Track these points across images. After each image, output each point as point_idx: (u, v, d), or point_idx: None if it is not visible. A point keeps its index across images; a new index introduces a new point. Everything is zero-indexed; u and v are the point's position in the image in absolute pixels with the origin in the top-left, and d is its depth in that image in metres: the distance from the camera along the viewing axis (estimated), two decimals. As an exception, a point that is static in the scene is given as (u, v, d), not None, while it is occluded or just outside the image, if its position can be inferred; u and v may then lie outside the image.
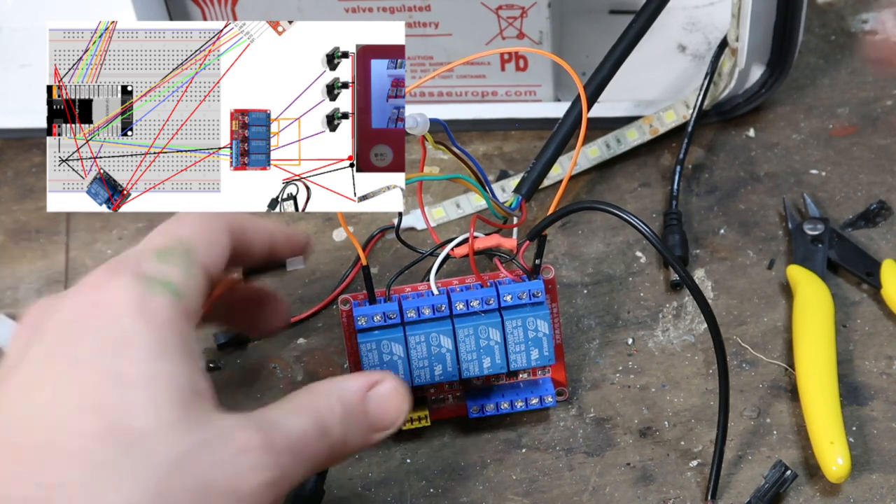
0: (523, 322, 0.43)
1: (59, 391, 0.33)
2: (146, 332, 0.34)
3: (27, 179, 0.59)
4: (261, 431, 0.35)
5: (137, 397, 0.33)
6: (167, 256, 0.37)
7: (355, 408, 0.40)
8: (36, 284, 0.53)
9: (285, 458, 0.36)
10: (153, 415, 0.33)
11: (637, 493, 0.43)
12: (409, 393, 0.41)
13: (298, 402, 0.38)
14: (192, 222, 0.39)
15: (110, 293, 0.35)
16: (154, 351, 0.34)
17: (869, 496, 0.43)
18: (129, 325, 0.34)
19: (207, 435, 0.34)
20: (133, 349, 0.34)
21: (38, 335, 0.35)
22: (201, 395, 0.35)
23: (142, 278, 0.36)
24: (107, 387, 0.33)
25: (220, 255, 0.39)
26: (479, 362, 0.43)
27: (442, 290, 0.43)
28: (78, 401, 0.33)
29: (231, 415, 0.36)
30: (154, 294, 0.35)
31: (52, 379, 0.34)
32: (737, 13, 0.53)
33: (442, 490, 0.44)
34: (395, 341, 0.43)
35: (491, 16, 0.55)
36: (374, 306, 0.43)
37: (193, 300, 0.37)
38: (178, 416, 0.34)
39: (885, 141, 0.57)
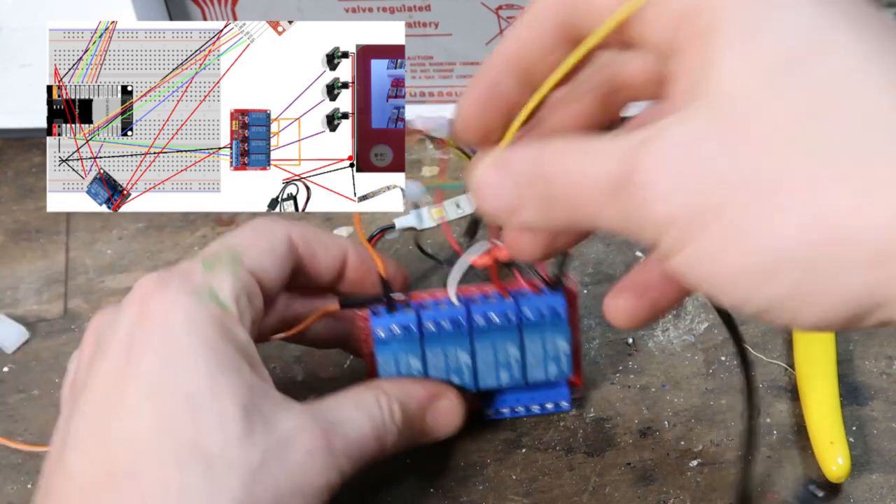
0: (543, 340, 0.43)
1: (131, 416, 0.34)
2: (200, 347, 0.35)
3: (27, 179, 0.59)
4: (324, 433, 0.36)
5: (206, 415, 0.34)
6: (214, 264, 0.37)
7: (414, 417, 0.41)
8: (36, 284, 0.53)
9: (343, 461, 0.37)
10: (223, 431, 0.34)
11: (637, 493, 0.43)
12: (465, 409, 0.42)
13: (361, 401, 0.39)
14: (245, 231, 0.40)
15: (160, 308, 0.36)
16: (211, 365, 0.35)
17: (869, 496, 0.43)
18: (184, 341, 0.35)
19: (274, 441, 0.35)
20: (191, 366, 0.35)
21: (101, 352, 0.36)
22: (263, 398, 0.36)
23: (189, 291, 0.36)
24: (175, 407, 0.34)
25: (274, 262, 0.39)
26: (497, 375, 0.43)
27: (461, 299, 0.42)
28: (152, 425, 0.34)
29: (293, 410, 0.36)
30: (202, 306, 0.36)
31: (122, 403, 0.34)
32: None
33: (442, 490, 0.44)
34: (414, 355, 0.42)
35: (491, 16, 0.55)
36: (393, 317, 0.42)
37: (244, 305, 0.37)
38: (246, 427, 0.34)
39: (885, 141, 0.57)
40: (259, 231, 0.40)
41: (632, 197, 0.26)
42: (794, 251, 0.25)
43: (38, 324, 0.52)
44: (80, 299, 0.53)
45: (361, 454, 0.38)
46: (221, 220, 0.56)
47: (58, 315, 0.52)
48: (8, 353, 0.50)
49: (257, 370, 0.37)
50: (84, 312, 0.52)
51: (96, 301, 0.52)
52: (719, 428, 0.45)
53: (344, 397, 0.39)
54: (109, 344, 0.36)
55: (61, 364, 0.50)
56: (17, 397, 0.49)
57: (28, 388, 0.49)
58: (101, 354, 0.36)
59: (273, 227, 0.40)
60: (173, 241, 0.55)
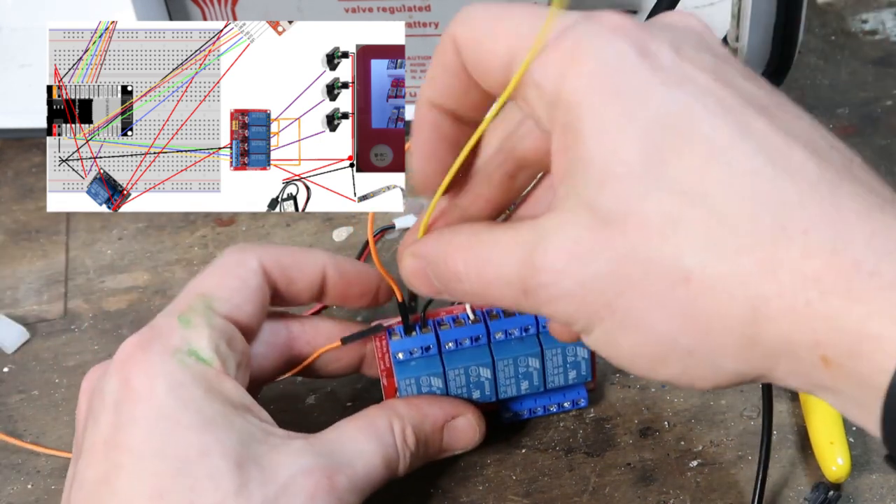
0: (563, 348, 0.42)
1: (126, 486, 0.34)
2: (185, 410, 0.35)
3: (27, 179, 0.59)
4: (326, 472, 0.36)
5: (197, 477, 0.34)
6: (190, 318, 0.37)
7: (430, 438, 0.41)
8: (36, 284, 0.53)
9: (348, 497, 0.37)
10: (217, 490, 0.34)
11: (637, 493, 0.43)
12: (483, 425, 0.42)
13: (372, 427, 0.39)
14: (215, 270, 0.39)
15: (142, 376, 0.36)
16: (198, 426, 0.35)
17: (869, 496, 0.43)
18: (169, 406, 0.35)
19: (272, 492, 0.35)
20: (178, 430, 0.35)
21: (93, 419, 0.36)
22: (259, 444, 0.36)
23: (169, 353, 0.36)
24: (166, 474, 0.34)
25: (248, 298, 0.39)
26: (517, 385, 0.43)
27: (478, 313, 0.42)
28: (147, 493, 0.34)
29: (293, 451, 0.36)
30: (183, 367, 0.36)
31: (116, 476, 0.34)
32: (737, 13, 0.53)
33: (442, 490, 0.44)
34: (435, 376, 0.42)
35: (491, 16, 0.55)
36: (412, 339, 0.42)
37: (225, 353, 0.37)
38: (240, 482, 0.35)
39: (885, 141, 0.57)
40: (228, 267, 0.39)
41: (538, 296, 0.30)
42: (674, 344, 0.28)
43: (38, 324, 0.52)
44: (80, 299, 0.53)
45: (369, 484, 0.38)
46: (221, 220, 0.56)
47: (58, 315, 0.52)
48: (8, 353, 0.50)
49: (253, 414, 0.37)
50: (84, 312, 0.52)
51: (96, 301, 0.52)
52: (719, 428, 0.45)
53: (355, 426, 0.39)
54: (99, 411, 0.36)
55: (61, 364, 0.50)
56: (17, 397, 0.49)
57: (28, 389, 0.49)
58: (93, 421, 0.36)
59: (244, 259, 0.39)
60: (173, 241, 0.55)
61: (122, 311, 0.52)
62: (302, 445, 0.37)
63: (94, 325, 0.51)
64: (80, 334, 0.51)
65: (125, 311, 0.52)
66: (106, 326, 0.51)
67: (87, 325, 0.51)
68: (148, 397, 0.35)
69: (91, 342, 0.51)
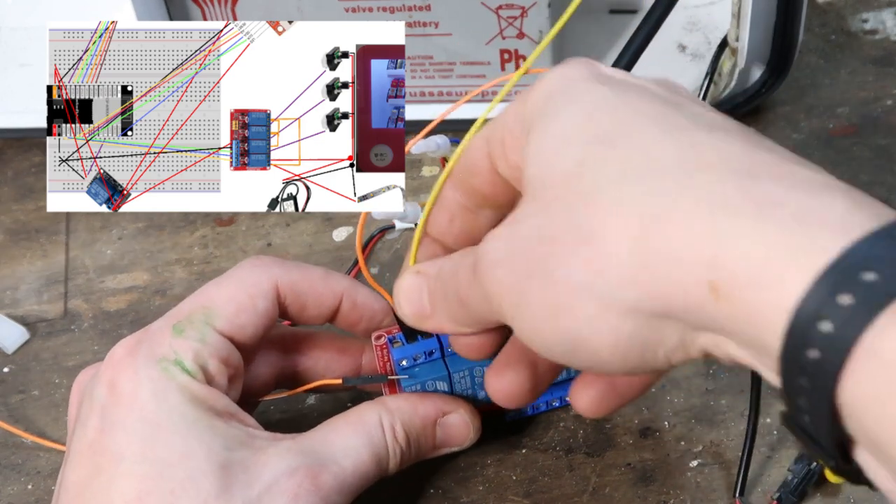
0: None
1: (109, 489, 0.35)
2: (168, 415, 0.36)
3: (27, 179, 0.59)
4: (311, 472, 0.36)
5: (178, 479, 0.35)
6: (185, 328, 0.38)
7: (421, 434, 0.41)
8: (36, 284, 0.53)
9: (334, 497, 0.37)
10: (199, 493, 0.35)
11: (637, 493, 0.43)
12: (478, 421, 0.42)
13: (361, 423, 0.39)
14: (229, 281, 0.39)
15: (128, 381, 0.36)
16: (181, 430, 0.35)
17: (869, 496, 0.43)
18: (152, 411, 0.36)
19: (255, 493, 0.35)
20: (161, 434, 0.35)
21: (81, 422, 0.37)
22: (243, 448, 0.36)
23: (155, 361, 0.37)
24: (148, 475, 0.35)
25: (252, 319, 0.39)
26: None
27: None
28: (129, 496, 0.35)
29: (277, 453, 0.36)
30: (168, 376, 0.36)
31: (100, 478, 0.35)
32: (737, 13, 0.53)
33: (442, 490, 0.44)
34: (440, 380, 0.42)
35: (491, 16, 0.55)
36: (414, 345, 0.41)
37: (214, 368, 0.38)
38: (223, 484, 0.35)
39: (885, 141, 0.57)
40: (242, 285, 0.39)
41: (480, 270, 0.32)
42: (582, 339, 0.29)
43: (38, 324, 0.52)
44: (80, 299, 0.53)
45: (357, 483, 0.38)
46: (221, 220, 0.56)
47: (58, 315, 0.52)
48: (8, 353, 0.50)
49: (238, 420, 0.37)
50: (84, 312, 0.52)
51: (96, 301, 0.52)
52: (719, 428, 0.45)
53: (344, 421, 0.39)
54: (87, 414, 0.37)
55: (61, 364, 0.50)
56: (18, 398, 0.49)
57: (28, 389, 0.49)
58: (81, 424, 0.37)
59: (259, 280, 0.39)
60: (173, 241, 0.55)
61: (121, 311, 0.52)
62: (288, 446, 0.37)
63: (94, 325, 0.51)
64: (79, 334, 0.51)
65: (125, 311, 0.52)
66: (106, 326, 0.51)
67: (87, 325, 0.51)
68: (132, 402, 0.36)
69: (91, 342, 0.51)
